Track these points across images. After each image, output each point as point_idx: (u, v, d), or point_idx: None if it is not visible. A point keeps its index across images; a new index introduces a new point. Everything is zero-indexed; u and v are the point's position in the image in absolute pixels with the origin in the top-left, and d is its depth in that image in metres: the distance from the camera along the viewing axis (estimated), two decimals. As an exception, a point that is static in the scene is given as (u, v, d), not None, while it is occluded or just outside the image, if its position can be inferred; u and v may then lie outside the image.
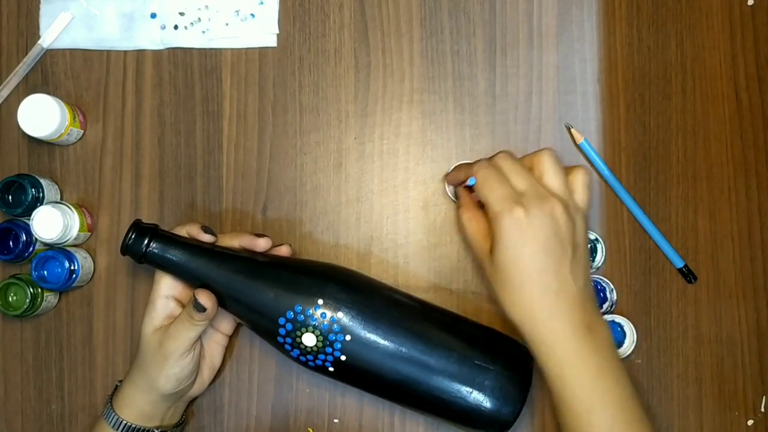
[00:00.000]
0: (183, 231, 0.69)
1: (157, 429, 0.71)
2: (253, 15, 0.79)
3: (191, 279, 0.67)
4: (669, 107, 0.77)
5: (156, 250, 0.66)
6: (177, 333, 0.67)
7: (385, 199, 0.78)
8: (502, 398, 0.65)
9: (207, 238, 0.68)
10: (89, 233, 0.78)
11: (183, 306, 0.70)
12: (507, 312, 0.64)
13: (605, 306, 0.75)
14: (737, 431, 0.75)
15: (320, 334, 0.65)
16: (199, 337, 0.69)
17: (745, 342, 0.75)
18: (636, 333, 0.74)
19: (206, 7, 0.79)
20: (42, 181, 0.76)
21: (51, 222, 0.73)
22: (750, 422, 0.75)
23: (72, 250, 0.76)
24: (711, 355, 0.76)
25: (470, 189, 0.70)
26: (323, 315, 0.65)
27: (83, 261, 0.76)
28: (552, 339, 0.62)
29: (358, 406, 0.76)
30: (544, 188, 0.64)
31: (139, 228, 0.67)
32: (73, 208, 0.75)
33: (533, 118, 0.77)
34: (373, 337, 0.66)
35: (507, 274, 0.63)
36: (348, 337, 0.65)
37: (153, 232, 0.67)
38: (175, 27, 0.79)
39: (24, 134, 0.75)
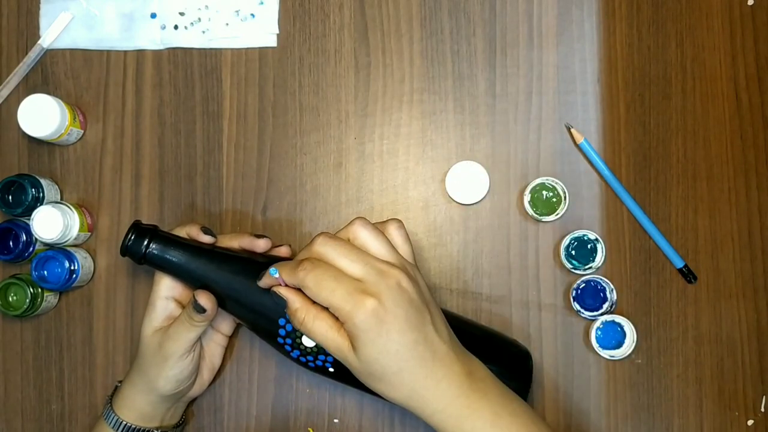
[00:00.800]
0: (183, 232, 0.69)
1: (157, 429, 0.71)
2: (253, 15, 0.79)
3: (191, 280, 0.67)
4: (669, 107, 0.77)
5: (155, 251, 0.66)
6: (176, 334, 0.67)
7: (385, 199, 0.78)
8: None
9: (207, 239, 0.68)
10: (89, 233, 0.78)
11: (183, 307, 0.69)
12: (389, 397, 0.60)
13: (605, 306, 0.75)
14: (737, 431, 0.75)
15: None
16: (199, 338, 0.69)
17: (745, 342, 0.75)
18: (636, 333, 0.74)
19: (206, 7, 0.79)
20: (42, 181, 0.76)
21: (51, 222, 0.73)
22: (750, 422, 0.75)
23: (72, 250, 0.76)
24: (711, 355, 0.76)
25: (296, 288, 0.62)
26: None
27: (83, 261, 0.76)
28: (443, 404, 0.59)
29: (358, 406, 0.76)
30: (378, 262, 0.60)
31: (139, 229, 0.67)
32: (73, 208, 0.75)
33: (533, 118, 0.77)
34: None
35: (380, 366, 0.59)
36: None
37: (152, 233, 0.67)
38: (175, 27, 0.79)
39: (24, 134, 0.75)
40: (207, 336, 0.73)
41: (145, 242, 0.66)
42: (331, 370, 0.66)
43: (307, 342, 0.65)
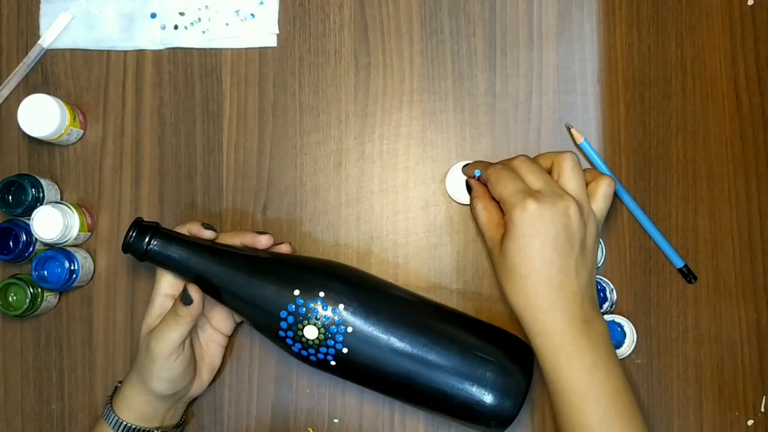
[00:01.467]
0: (184, 229, 0.69)
1: (157, 429, 0.71)
2: (253, 15, 0.79)
3: (192, 276, 0.67)
4: (669, 107, 0.77)
5: (157, 248, 0.66)
6: (160, 334, 0.67)
7: (385, 199, 0.78)
8: (503, 392, 0.65)
9: (208, 234, 0.69)
10: (89, 233, 0.78)
11: None
12: (509, 299, 0.66)
13: (605, 306, 0.75)
14: (737, 431, 0.75)
15: (322, 326, 0.65)
16: (185, 340, 0.68)
17: (745, 342, 0.75)
18: (636, 333, 0.74)
19: (206, 7, 0.79)
20: (42, 181, 0.76)
21: (51, 222, 0.73)
22: (750, 422, 0.75)
23: (72, 250, 0.76)
24: (711, 355, 0.76)
25: (480, 181, 0.71)
26: (325, 307, 0.65)
27: (83, 261, 0.76)
28: (550, 329, 0.64)
29: (358, 406, 0.76)
30: (558, 187, 0.66)
31: (140, 226, 0.67)
32: (73, 208, 0.75)
33: (533, 118, 0.77)
34: (374, 329, 0.66)
35: (513, 263, 0.64)
36: (350, 329, 0.65)
37: (154, 230, 0.67)
38: (175, 27, 0.79)
39: (24, 134, 0.75)
40: (207, 336, 0.73)
41: (147, 239, 0.66)
42: (333, 363, 0.66)
43: (309, 334, 0.65)
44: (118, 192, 0.79)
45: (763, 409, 0.75)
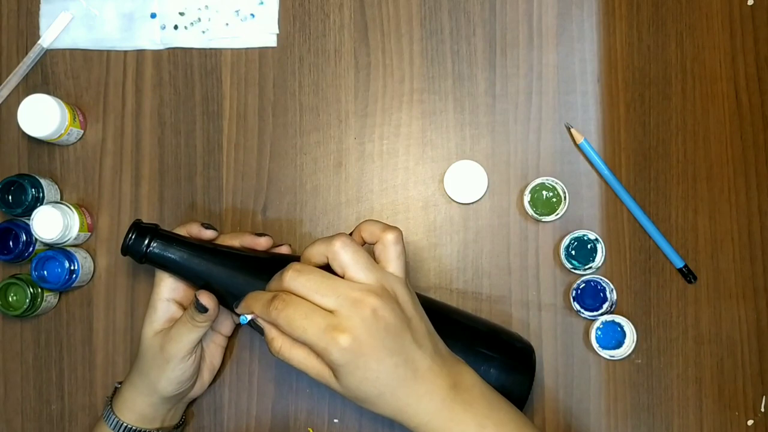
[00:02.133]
0: (183, 231, 0.69)
1: (158, 430, 0.71)
2: (253, 15, 0.79)
3: (193, 278, 0.67)
4: (669, 107, 0.77)
5: (156, 250, 0.66)
6: (178, 336, 0.67)
7: (385, 199, 0.78)
8: (505, 391, 0.65)
9: (208, 234, 0.69)
10: (89, 233, 0.78)
11: (184, 309, 0.69)
12: (377, 412, 0.61)
13: (605, 306, 0.75)
14: (737, 431, 0.75)
15: None
16: (200, 340, 0.69)
17: (745, 342, 0.75)
18: (636, 333, 0.74)
19: (206, 7, 0.79)
20: (42, 181, 0.76)
21: (51, 222, 0.73)
22: (750, 422, 0.75)
23: (72, 250, 0.76)
24: (711, 355, 0.76)
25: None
26: None
27: (83, 261, 0.76)
28: (427, 418, 0.59)
29: (358, 406, 0.76)
30: (351, 290, 0.58)
31: (139, 228, 0.67)
32: (72, 208, 0.75)
33: (533, 118, 0.77)
34: None
35: (362, 392, 0.59)
36: None
37: (153, 231, 0.67)
38: (175, 27, 0.79)
39: (24, 134, 0.75)
40: (207, 337, 0.73)
41: (146, 241, 0.66)
42: None
43: None
44: (118, 192, 0.79)
45: (763, 409, 0.75)
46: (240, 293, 0.66)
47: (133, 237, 0.66)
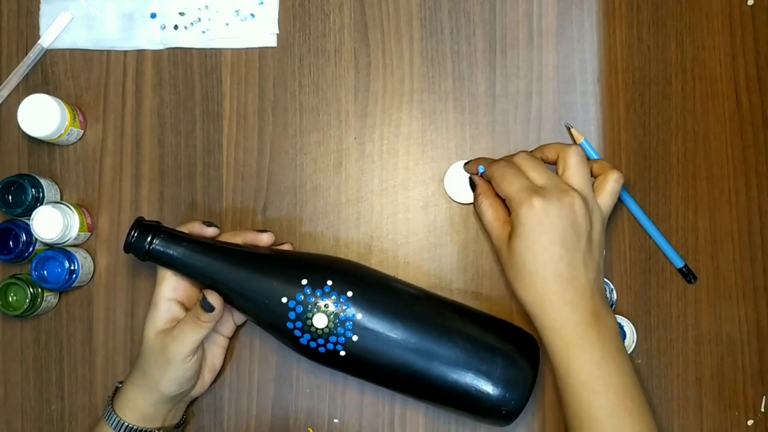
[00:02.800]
0: (185, 229, 0.69)
1: (159, 430, 0.71)
2: (253, 15, 0.79)
3: (195, 275, 0.67)
4: (669, 107, 0.77)
5: (159, 247, 0.66)
6: (182, 336, 0.67)
7: (385, 199, 0.78)
8: (510, 384, 0.66)
9: (210, 231, 0.69)
10: (89, 233, 0.78)
11: (185, 309, 0.70)
12: (518, 295, 0.66)
13: (605, 306, 0.75)
14: (737, 431, 0.75)
15: (331, 314, 0.65)
16: (203, 340, 0.69)
17: (745, 342, 0.75)
18: (636, 333, 0.74)
19: (206, 7, 0.79)
20: (42, 181, 0.76)
21: (51, 222, 0.73)
22: (750, 422, 0.75)
23: (72, 250, 0.76)
24: (711, 355, 0.76)
25: (484, 177, 0.71)
26: (333, 294, 0.66)
27: (83, 261, 0.76)
28: (560, 324, 0.64)
29: (358, 406, 0.76)
30: (562, 182, 0.66)
31: (142, 225, 0.67)
32: (73, 208, 0.75)
33: (533, 118, 0.77)
34: (382, 317, 0.66)
35: (522, 261, 0.65)
36: (359, 316, 0.65)
37: (156, 229, 0.67)
38: (175, 27, 0.79)
39: (24, 134, 0.75)
40: (208, 338, 0.73)
41: (149, 238, 0.66)
42: (342, 353, 0.66)
43: (318, 323, 0.65)
44: (118, 192, 0.79)
45: (763, 409, 0.75)
46: (245, 287, 0.66)
47: (135, 234, 0.66)
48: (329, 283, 0.66)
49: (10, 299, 0.75)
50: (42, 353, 0.78)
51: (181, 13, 0.79)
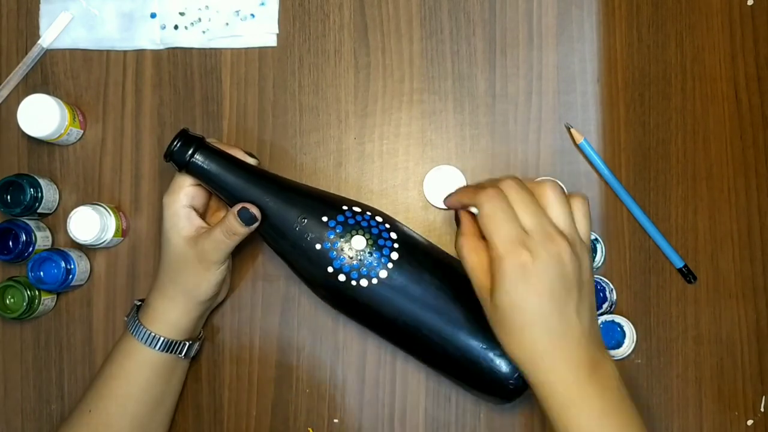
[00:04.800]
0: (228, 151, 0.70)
1: (189, 341, 0.72)
2: (253, 15, 0.79)
3: (228, 191, 0.67)
4: (669, 107, 0.77)
5: (199, 160, 0.67)
6: (220, 243, 0.68)
7: (385, 199, 0.78)
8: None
9: (251, 160, 0.70)
10: (122, 238, 0.78)
11: (201, 215, 0.70)
12: (507, 350, 0.61)
13: (605, 306, 0.75)
14: (737, 431, 0.75)
15: (370, 238, 0.66)
16: None
17: (745, 342, 0.75)
18: (636, 333, 0.74)
19: (206, 7, 0.79)
20: (40, 181, 0.76)
21: (88, 223, 0.73)
22: (750, 422, 0.75)
23: (67, 250, 0.76)
24: (711, 355, 0.76)
25: (472, 214, 0.63)
26: (374, 222, 0.67)
27: (78, 260, 0.76)
28: (554, 381, 0.59)
29: (358, 406, 0.76)
30: (550, 225, 0.60)
31: (186, 136, 0.67)
32: (110, 211, 0.75)
33: (533, 118, 0.77)
34: (418, 259, 0.67)
35: (508, 317, 0.59)
36: (396, 246, 0.66)
37: (199, 142, 0.67)
38: (175, 27, 0.79)
39: (24, 134, 0.75)
40: None
41: (191, 151, 0.66)
42: (372, 283, 0.66)
43: (356, 244, 0.66)
44: (118, 192, 0.79)
45: (763, 409, 0.75)
46: (284, 207, 0.67)
47: (178, 144, 0.67)
48: (369, 213, 0.68)
49: (8, 302, 0.75)
50: (42, 353, 0.78)
51: (181, 13, 0.79)
